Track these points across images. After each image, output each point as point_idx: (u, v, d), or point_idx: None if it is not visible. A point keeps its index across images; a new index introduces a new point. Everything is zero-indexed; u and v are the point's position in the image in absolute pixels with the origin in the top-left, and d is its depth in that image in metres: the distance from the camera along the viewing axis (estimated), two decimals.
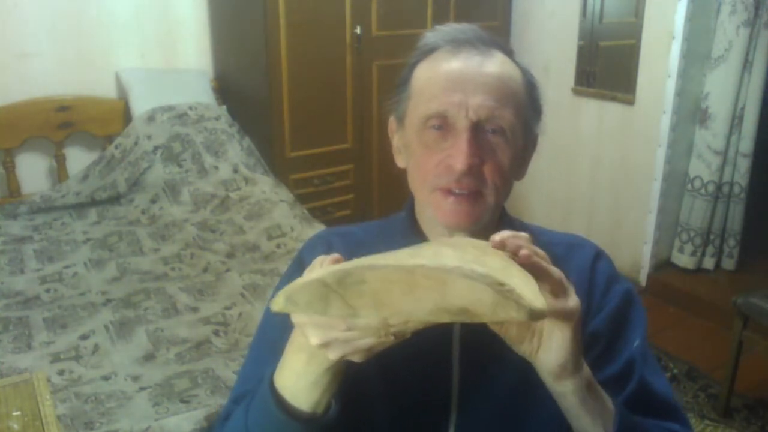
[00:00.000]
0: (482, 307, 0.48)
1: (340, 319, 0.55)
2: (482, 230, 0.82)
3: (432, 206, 0.80)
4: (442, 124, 0.77)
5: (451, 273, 0.48)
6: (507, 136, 0.78)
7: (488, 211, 0.80)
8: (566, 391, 0.68)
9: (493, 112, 0.76)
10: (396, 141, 0.88)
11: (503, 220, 0.87)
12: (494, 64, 0.78)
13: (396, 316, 0.51)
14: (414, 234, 0.85)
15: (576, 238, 0.91)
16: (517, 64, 0.82)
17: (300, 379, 0.66)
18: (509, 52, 0.83)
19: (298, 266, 0.86)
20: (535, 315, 0.50)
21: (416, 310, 0.49)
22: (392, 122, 0.88)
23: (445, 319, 0.50)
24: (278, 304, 0.53)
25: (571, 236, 0.92)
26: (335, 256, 0.64)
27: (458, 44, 0.80)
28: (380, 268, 0.50)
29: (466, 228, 0.80)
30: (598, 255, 0.87)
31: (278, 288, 0.88)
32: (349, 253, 0.85)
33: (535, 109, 0.83)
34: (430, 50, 0.82)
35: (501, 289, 0.47)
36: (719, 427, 2.20)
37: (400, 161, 0.87)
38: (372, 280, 0.49)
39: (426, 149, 0.79)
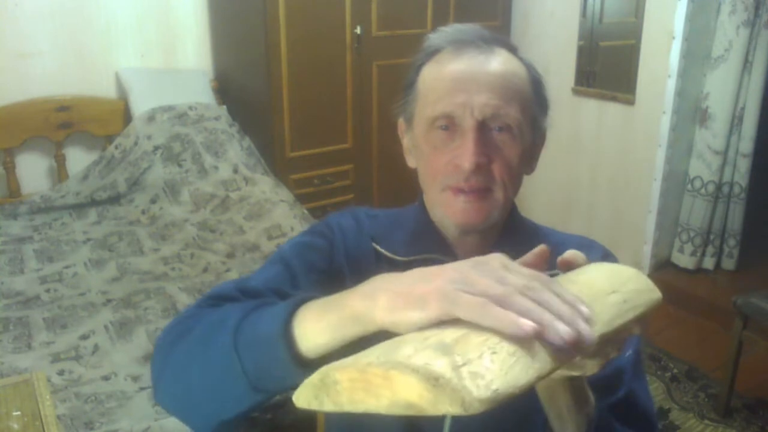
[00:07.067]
0: (424, 401, 0.44)
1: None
2: (492, 226, 0.84)
3: (443, 205, 0.81)
4: (449, 125, 0.79)
5: (393, 368, 0.45)
6: (514, 133, 0.78)
7: (498, 208, 0.81)
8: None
9: (498, 110, 0.77)
10: (406, 142, 0.89)
11: (513, 219, 0.88)
12: (497, 63, 0.79)
13: (370, 411, 0.49)
14: (426, 223, 0.87)
15: (585, 239, 0.92)
16: (521, 59, 0.83)
17: (324, 335, 0.57)
18: (513, 49, 0.83)
19: (325, 229, 0.88)
20: (473, 406, 0.42)
21: (378, 407, 0.47)
22: (401, 124, 0.89)
23: (401, 413, 0.47)
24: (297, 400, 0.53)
25: (579, 237, 0.92)
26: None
27: (461, 45, 0.80)
28: (343, 368, 0.49)
29: (477, 225, 0.81)
30: (606, 257, 0.88)
31: (293, 241, 0.89)
32: (369, 237, 0.87)
33: (541, 103, 0.84)
34: (434, 52, 0.83)
35: (436, 383, 0.43)
36: (719, 427, 2.20)
37: (411, 161, 0.89)
38: (342, 380, 0.49)
39: (434, 150, 0.80)
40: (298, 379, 0.56)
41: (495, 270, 0.50)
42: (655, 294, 0.59)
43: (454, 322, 0.49)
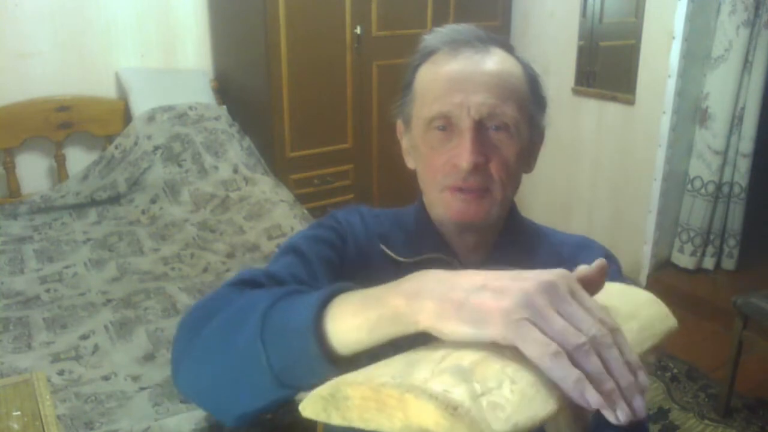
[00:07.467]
0: (440, 429, 0.43)
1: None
2: (492, 226, 0.84)
3: (442, 205, 0.82)
4: (446, 125, 0.79)
5: (409, 392, 0.44)
6: (511, 132, 0.79)
7: (496, 206, 0.81)
8: None
9: (495, 109, 0.77)
10: (404, 143, 0.89)
11: (512, 218, 0.88)
12: (493, 62, 0.79)
13: (381, 431, 0.47)
14: (426, 223, 0.87)
15: (585, 239, 0.92)
16: (518, 58, 0.83)
17: (360, 332, 0.53)
18: (509, 48, 0.83)
19: (335, 224, 0.87)
20: None
21: (390, 428, 0.46)
22: (399, 125, 0.90)
23: None
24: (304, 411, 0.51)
25: (579, 237, 0.92)
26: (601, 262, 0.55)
27: (457, 45, 0.81)
28: (356, 385, 0.47)
29: (476, 222, 0.81)
30: (606, 258, 0.87)
31: (303, 234, 0.86)
32: (377, 237, 0.87)
33: (538, 102, 0.84)
34: (430, 53, 0.83)
35: (454, 412, 0.42)
36: (719, 427, 2.20)
37: (410, 162, 0.89)
38: (353, 396, 0.47)
39: (432, 150, 0.80)
40: (326, 376, 0.53)
41: (564, 298, 0.45)
42: (671, 321, 0.56)
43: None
